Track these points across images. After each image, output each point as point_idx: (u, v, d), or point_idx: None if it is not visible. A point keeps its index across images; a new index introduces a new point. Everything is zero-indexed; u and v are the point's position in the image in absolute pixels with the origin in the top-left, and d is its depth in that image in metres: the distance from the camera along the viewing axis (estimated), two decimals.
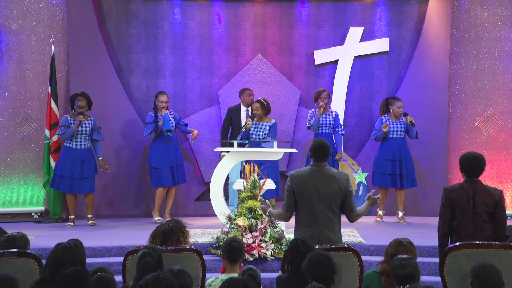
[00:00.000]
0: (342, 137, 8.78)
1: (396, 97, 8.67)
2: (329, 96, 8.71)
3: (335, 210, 4.83)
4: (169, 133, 8.35)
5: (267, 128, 8.30)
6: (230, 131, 8.79)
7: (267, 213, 5.37)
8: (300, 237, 4.34)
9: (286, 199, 4.91)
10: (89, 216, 8.35)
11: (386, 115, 8.53)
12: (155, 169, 8.49)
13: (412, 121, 8.34)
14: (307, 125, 8.66)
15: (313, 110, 8.62)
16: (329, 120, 8.60)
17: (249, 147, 7.84)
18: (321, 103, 8.50)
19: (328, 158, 4.95)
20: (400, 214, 8.50)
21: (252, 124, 8.27)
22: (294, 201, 4.87)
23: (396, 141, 8.46)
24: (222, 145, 8.12)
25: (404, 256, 3.90)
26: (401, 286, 3.70)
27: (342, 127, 8.80)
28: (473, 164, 4.88)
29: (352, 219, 4.94)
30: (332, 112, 8.68)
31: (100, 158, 8.36)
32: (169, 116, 8.39)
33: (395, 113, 8.46)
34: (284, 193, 4.95)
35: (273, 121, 8.40)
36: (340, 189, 4.81)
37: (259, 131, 8.29)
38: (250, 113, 8.64)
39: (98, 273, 3.83)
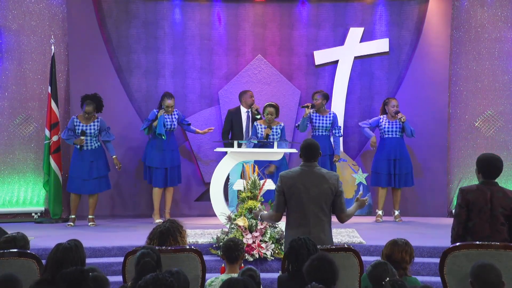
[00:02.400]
0: (340, 138, 8.75)
1: (393, 97, 8.73)
2: (326, 97, 8.61)
3: (325, 210, 4.79)
4: (159, 137, 8.31)
5: (279, 131, 8.30)
6: (231, 133, 8.77)
7: (259, 217, 5.38)
8: (303, 236, 4.28)
9: (276, 199, 4.88)
10: (90, 217, 8.33)
11: (384, 116, 8.58)
12: (148, 168, 8.51)
13: (402, 118, 8.37)
14: (295, 124, 8.64)
15: (310, 111, 8.53)
16: (325, 123, 8.55)
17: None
18: (310, 104, 8.45)
19: (318, 158, 4.90)
20: (396, 213, 8.56)
21: (263, 127, 8.25)
22: (284, 201, 4.83)
23: (392, 141, 8.50)
24: (226, 146, 8.10)
25: (376, 261, 3.89)
26: (382, 283, 3.70)
27: (341, 128, 8.78)
28: (490, 166, 4.82)
29: (342, 219, 4.87)
30: (330, 113, 8.62)
31: (114, 156, 8.39)
32: (166, 119, 8.32)
33: (390, 112, 8.52)
34: (274, 194, 4.93)
35: (282, 124, 8.37)
36: (330, 189, 4.77)
37: (272, 134, 8.27)
38: (250, 115, 8.63)
39: (93, 273, 3.75)
